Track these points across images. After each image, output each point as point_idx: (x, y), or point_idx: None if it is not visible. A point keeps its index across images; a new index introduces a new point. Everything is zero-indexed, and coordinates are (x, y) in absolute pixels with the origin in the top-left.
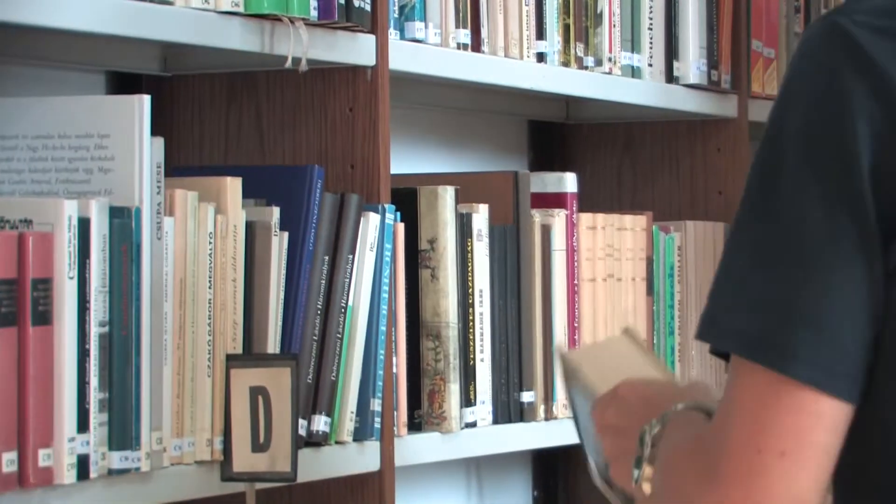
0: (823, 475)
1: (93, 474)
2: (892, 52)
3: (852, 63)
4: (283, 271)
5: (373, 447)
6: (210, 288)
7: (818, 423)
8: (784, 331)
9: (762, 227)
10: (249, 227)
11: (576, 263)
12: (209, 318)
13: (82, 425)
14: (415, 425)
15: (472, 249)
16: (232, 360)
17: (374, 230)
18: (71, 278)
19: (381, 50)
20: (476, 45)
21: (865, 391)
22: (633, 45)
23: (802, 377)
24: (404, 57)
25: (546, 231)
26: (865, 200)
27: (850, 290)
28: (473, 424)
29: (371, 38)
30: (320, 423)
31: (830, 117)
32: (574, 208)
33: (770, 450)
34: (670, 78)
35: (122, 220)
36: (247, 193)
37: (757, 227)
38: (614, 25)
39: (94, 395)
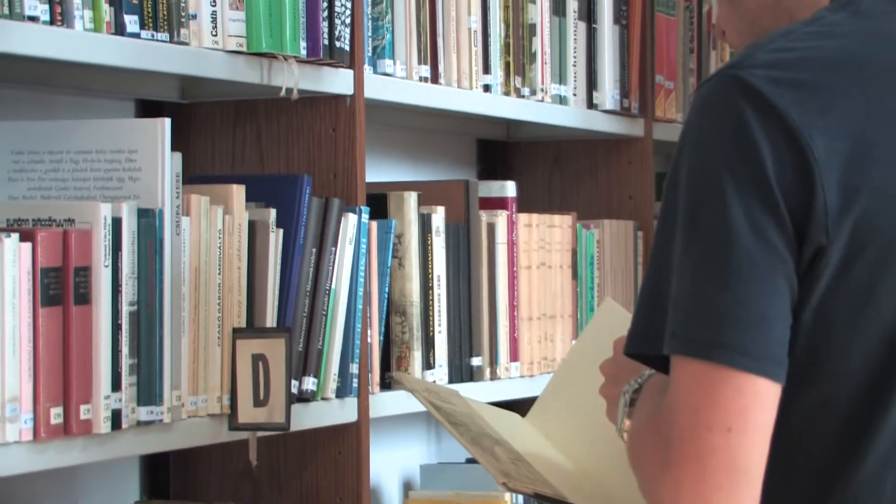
0: (764, 447)
1: (124, 425)
2: (785, 95)
3: (753, 106)
4: (279, 261)
5: (351, 403)
6: (219, 274)
7: (756, 402)
8: (733, 334)
9: (702, 250)
10: (251, 226)
11: (515, 254)
12: (219, 299)
13: (115, 385)
14: (386, 385)
15: (431, 243)
16: (237, 333)
17: (352, 227)
18: (106, 266)
19: (358, 82)
20: (434, 78)
21: (807, 373)
22: (561, 78)
23: (753, 369)
24: (377, 88)
25: (491, 228)
26: (783, 215)
27: (781, 290)
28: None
29: (350, 72)
30: (309, 383)
31: (744, 151)
32: (513, 210)
33: (719, 427)
34: (591, 105)
35: (148, 220)
36: (249, 198)
37: (696, 251)
38: (546, 63)
39: (125, 361)
